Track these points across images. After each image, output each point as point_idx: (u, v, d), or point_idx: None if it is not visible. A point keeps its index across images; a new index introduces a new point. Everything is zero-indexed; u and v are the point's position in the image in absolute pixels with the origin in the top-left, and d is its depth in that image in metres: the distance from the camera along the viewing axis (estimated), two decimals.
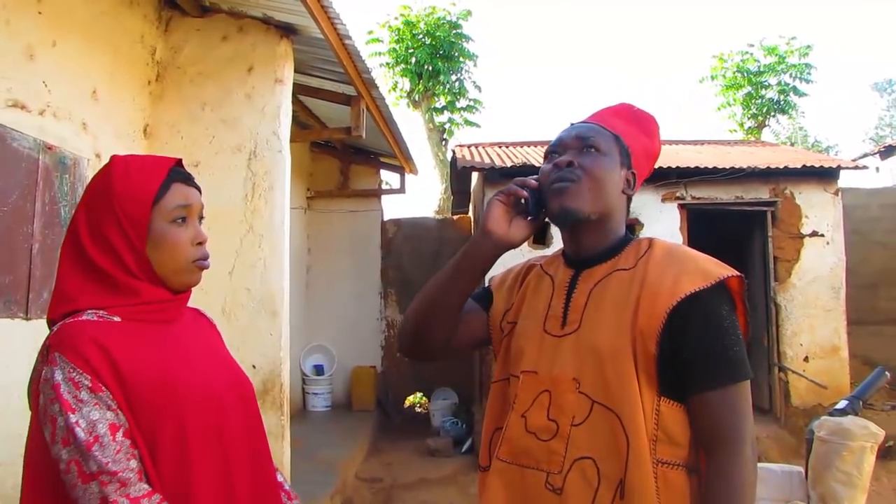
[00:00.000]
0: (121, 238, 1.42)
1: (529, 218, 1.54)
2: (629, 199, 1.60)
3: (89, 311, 1.39)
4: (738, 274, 1.43)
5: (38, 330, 3.68)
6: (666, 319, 1.36)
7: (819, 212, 7.79)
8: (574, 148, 1.52)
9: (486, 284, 1.77)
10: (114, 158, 1.50)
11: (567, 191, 1.48)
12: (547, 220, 1.56)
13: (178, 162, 1.54)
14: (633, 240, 1.56)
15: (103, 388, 1.29)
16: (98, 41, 4.34)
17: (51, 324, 1.42)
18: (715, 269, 1.41)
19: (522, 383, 1.51)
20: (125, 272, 1.42)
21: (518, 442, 1.48)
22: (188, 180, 1.53)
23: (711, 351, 1.37)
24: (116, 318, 1.40)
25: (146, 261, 1.44)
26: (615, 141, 1.55)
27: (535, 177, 1.55)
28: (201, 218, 1.56)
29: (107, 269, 1.41)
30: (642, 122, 1.63)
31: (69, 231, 1.48)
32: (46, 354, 1.34)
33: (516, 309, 1.63)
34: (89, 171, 4.21)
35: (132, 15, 4.72)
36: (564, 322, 1.50)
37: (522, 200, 1.52)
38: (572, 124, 1.62)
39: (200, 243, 1.52)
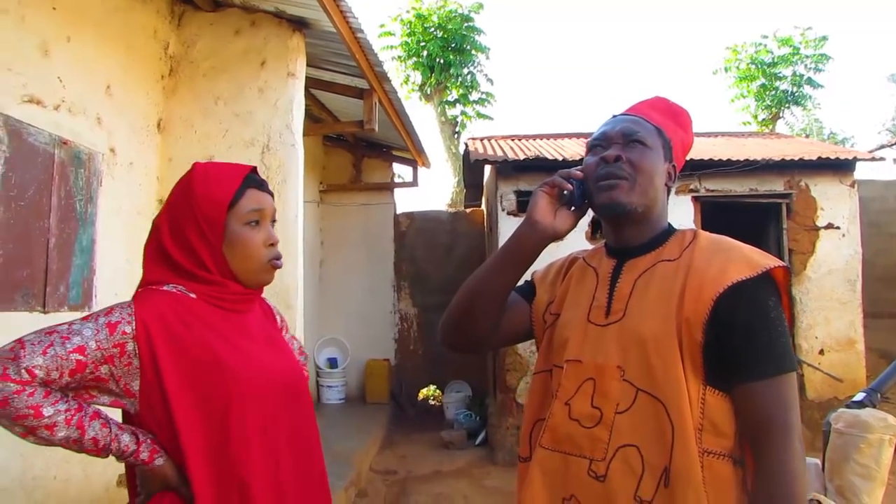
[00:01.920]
0: (199, 237, 1.56)
1: (573, 209, 1.56)
2: (669, 191, 1.61)
3: (170, 285, 1.56)
4: (784, 264, 1.43)
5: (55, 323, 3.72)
6: (713, 307, 1.36)
7: (835, 204, 7.72)
8: (619, 142, 1.53)
9: (529, 278, 1.77)
10: (195, 165, 1.64)
11: (617, 186, 1.49)
12: (590, 210, 1.57)
13: (254, 169, 1.67)
14: (677, 231, 1.57)
15: (130, 346, 1.44)
16: (112, 36, 4.35)
17: None
18: (761, 259, 1.41)
19: (566, 372, 1.51)
20: (202, 269, 1.57)
21: (561, 429, 1.48)
22: (262, 186, 1.67)
23: (758, 341, 1.36)
24: (192, 295, 1.56)
25: (222, 259, 1.58)
26: (658, 134, 1.56)
27: (579, 168, 1.56)
28: (274, 221, 1.70)
29: (185, 265, 1.56)
30: (677, 116, 1.64)
31: (152, 231, 1.63)
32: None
33: (559, 301, 1.64)
34: (104, 166, 4.23)
35: (145, 10, 4.74)
36: (608, 311, 1.51)
37: (565, 192, 1.53)
38: (614, 116, 1.63)
39: (273, 244, 1.65)
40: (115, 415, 1.52)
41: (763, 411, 1.34)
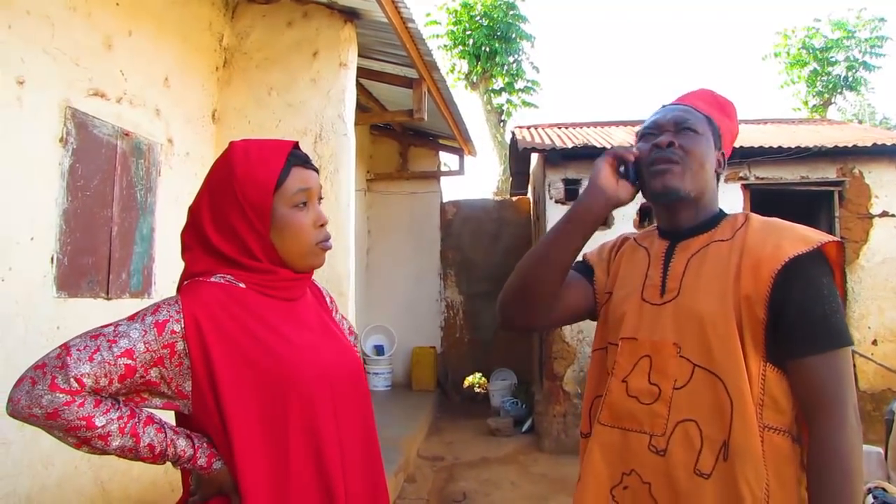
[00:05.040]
0: (245, 225, 1.44)
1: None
2: (718, 178, 1.63)
3: (217, 275, 1.45)
4: (838, 240, 1.45)
5: (118, 310, 3.86)
6: (773, 283, 1.38)
7: (889, 191, 7.54)
8: (670, 129, 1.56)
9: (581, 259, 1.78)
10: (233, 144, 1.50)
11: (670, 171, 1.52)
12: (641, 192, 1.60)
13: (296, 145, 1.54)
14: (728, 215, 1.59)
15: (180, 345, 1.35)
16: (169, 29, 4.46)
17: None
18: (814, 236, 1.43)
19: (621, 349, 1.54)
20: (250, 258, 1.46)
21: (620, 406, 1.51)
22: (307, 163, 1.53)
23: (813, 316, 1.38)
24: (241, 285, 1.45)
25: (271, 246, 1.47)
26: (707, 122, 1.59)
27: (633, 149, 1.59)
28: (320, 199, 1.57)
29: (232, 255, 1.45)
30: (724, 107, 1.67)
31: (191, 217, 1.50)
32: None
33: (612, 279, 1.68)
34: (162, 156, 4.35)
35: (200, 2, 4.84)
36: (663, 290, 1.53)
37: (622, 168, 1.57)
38: (664, 106, 1.66)
39: (322, 225, 1.54)
40: (168, 417, 1.47)
41: (818, 386, 1.36)
